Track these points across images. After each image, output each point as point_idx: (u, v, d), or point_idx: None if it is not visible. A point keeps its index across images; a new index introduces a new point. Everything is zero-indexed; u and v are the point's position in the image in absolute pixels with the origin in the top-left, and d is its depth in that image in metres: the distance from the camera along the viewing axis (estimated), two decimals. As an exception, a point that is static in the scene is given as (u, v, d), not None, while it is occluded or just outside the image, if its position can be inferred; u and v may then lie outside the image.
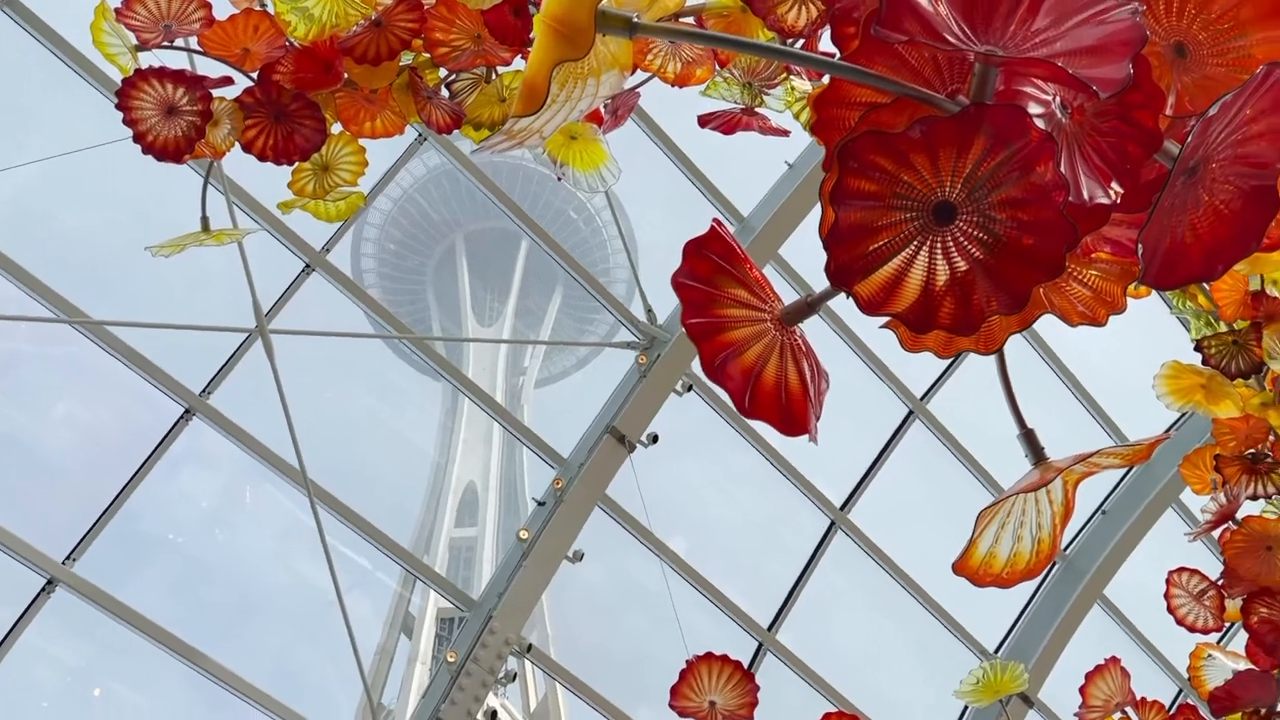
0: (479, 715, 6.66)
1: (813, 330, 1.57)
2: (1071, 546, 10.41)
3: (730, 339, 1.53)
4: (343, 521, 7.16)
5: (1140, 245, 1.29)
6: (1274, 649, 4.24)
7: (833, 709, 4.38)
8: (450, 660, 6.70)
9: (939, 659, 10.06)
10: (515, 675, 7.17)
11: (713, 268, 1.54)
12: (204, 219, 3.29)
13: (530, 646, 7.18)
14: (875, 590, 9.88)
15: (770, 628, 9.03)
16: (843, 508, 9.28)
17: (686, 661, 3.89)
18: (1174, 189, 1.33)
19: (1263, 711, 4.09)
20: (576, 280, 8.35)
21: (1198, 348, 4.48)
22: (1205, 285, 4.34)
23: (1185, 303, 4.59)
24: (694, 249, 1.55)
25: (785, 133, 3.60)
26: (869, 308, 1.33)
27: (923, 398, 9.48)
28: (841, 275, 1.27)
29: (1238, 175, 1.35)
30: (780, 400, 1.45)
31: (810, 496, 9.08)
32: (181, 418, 6.89)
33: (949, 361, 8.81)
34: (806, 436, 1.50)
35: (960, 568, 1.58)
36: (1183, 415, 6.04)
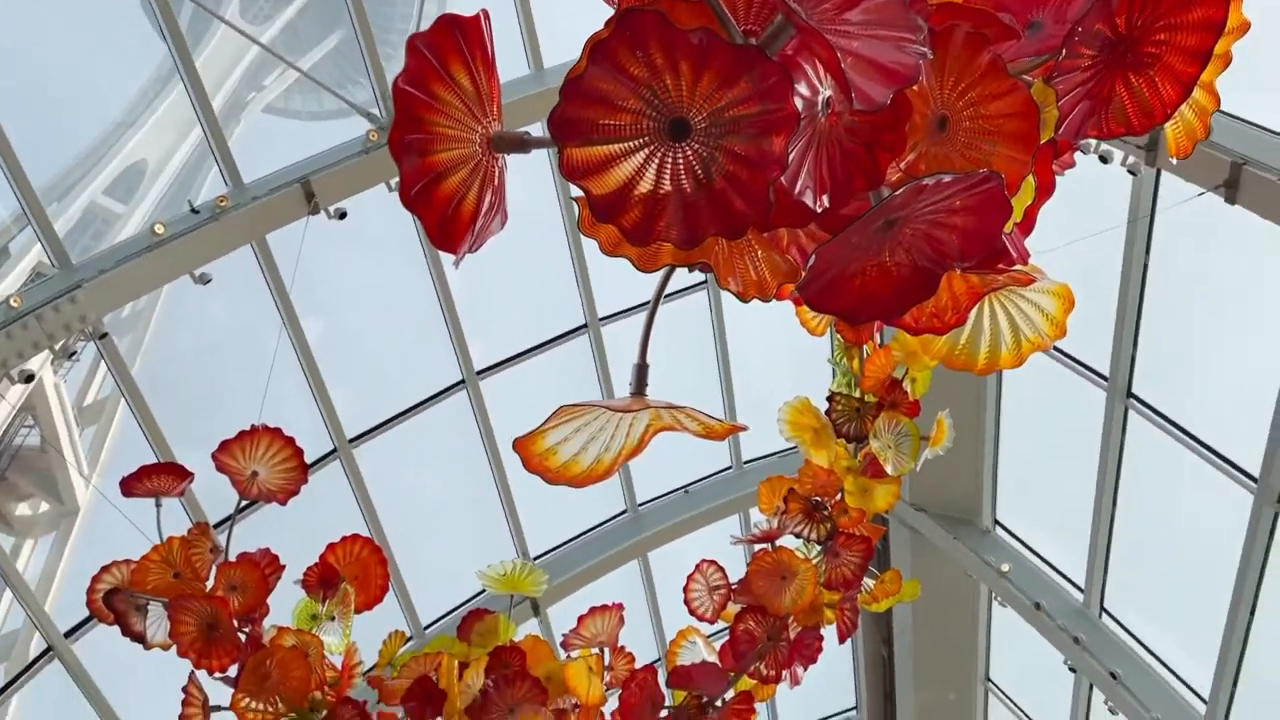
0: (14, 371, 6.12)
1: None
2: (647, 505, 11.21)
3: (436, 161, 1.44)
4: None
5: (812, 258, 1.37)
6: (741, 657, 4.72)
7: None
8: (14, 305, 6.09)
9: (491, 536, 10.52)
10: (75, 355, 6.65)
11: (434, 74, 1.43)
12: None
13: (105, 335, 6.69)
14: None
15: (354, 441, 9.03)
16: (480, 374, 9.41)
17: (252, 425, 3.77)
18: (868, 230, 1.42)
19: (704, 699, 4.56)
20: (356, 33, 7.75)
21: (829, 398, 4.86)
22: (864, 351, 4.73)
23: (841, 358, 4.95)
24: (416, 47, 1.42)
25: None
26: (600, 209, 1.31)
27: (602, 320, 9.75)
28: (562, 126, 1.25)
29: (919, 250, 1.47)
30: (446, 211, 1.41)
31: (455, 347, 9.12)
32: None
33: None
34: (454, 259, 1.47)
35: (521, 445, 1.63)
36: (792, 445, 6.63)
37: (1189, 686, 8.82)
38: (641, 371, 1.66)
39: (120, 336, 8.35)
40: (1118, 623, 9.39)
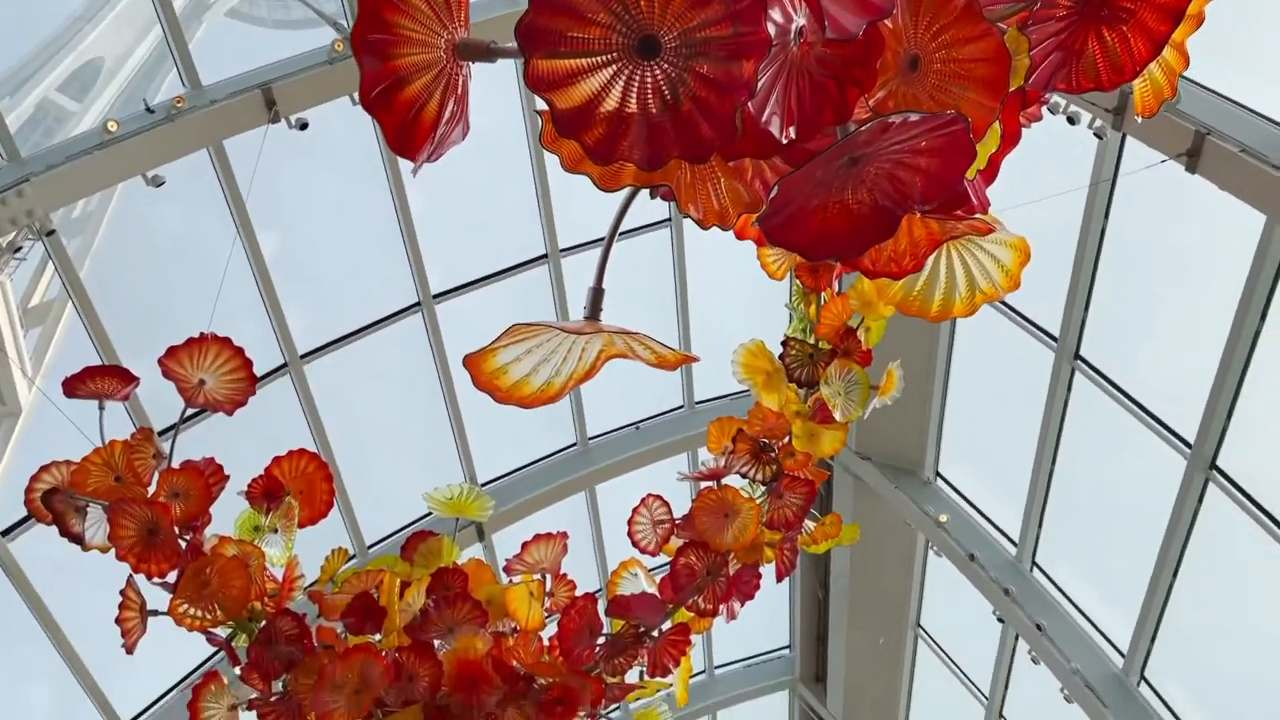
0: (-43, 263, 5.97)
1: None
2: (597, 440, 11.26)
3: (399, 65, 1.41)
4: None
5: (775, 190, 1.36)
6: (681, 590, 4.79)
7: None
8: (-41, 196, 5.92)
9: (440, 462, 10.53)
10: (20, 251, 6.48)
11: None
12: None
13: (52, 232, 6.53)
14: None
15: (305, 357, 8.95)
16: (436, 298, 9.33)
17: (201, 333, 3.71)
18: (832, 165, 1.42)
19: (641, 628, 4.63)
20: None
21: (784, 343, 4.88)
22: (821, 298, 4.75)
23: (799, 304, 4.96)
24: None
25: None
26: (563, 124, 1.29)
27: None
28: (529, 35, 1.22)
29: (881, 189, 1.47)
30: (406, 116, 1.38)
31: (412, 269, 9.03)
32: None
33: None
34: (412, 167, 1.44)
35: (471, 363, 1.62)
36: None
37: (1109, 640, 9.13)
38: (597, 296, 1.65)
39: (70, 238, 8.14)
40: (1047, 577, 9.66)
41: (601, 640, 4.53)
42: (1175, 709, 8.57)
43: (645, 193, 1.70)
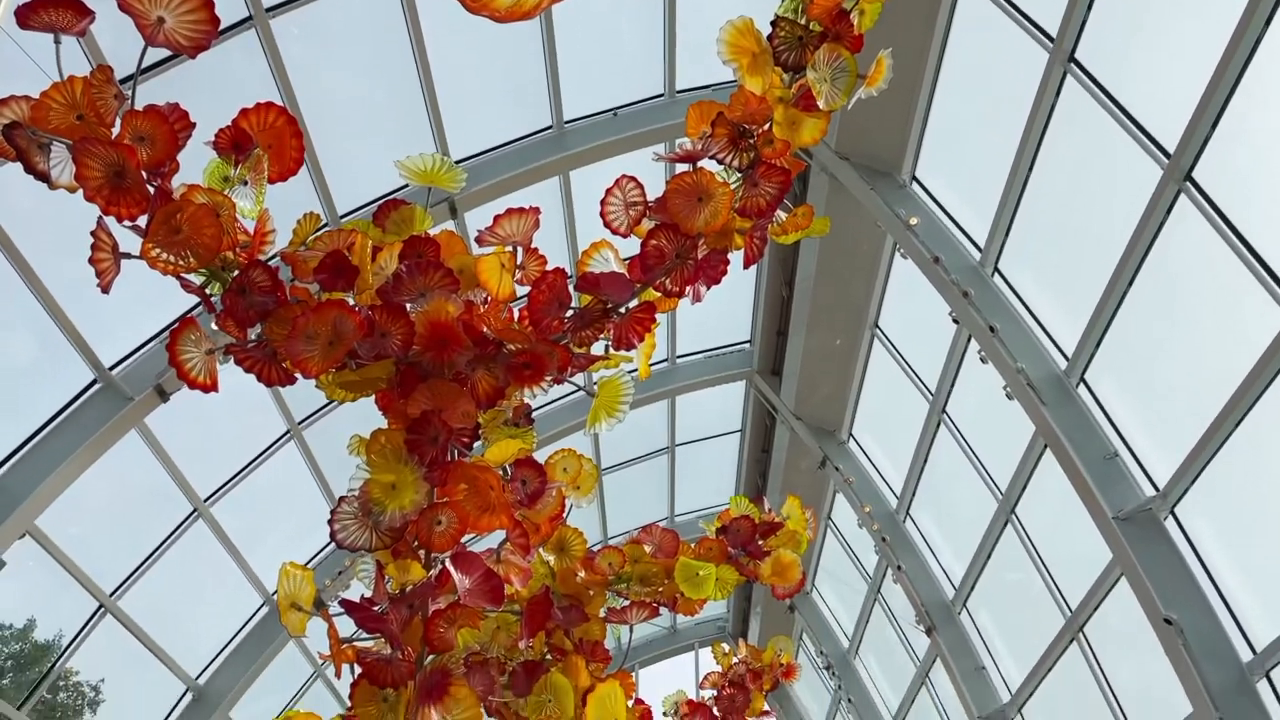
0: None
1: None
2: (573, 124, 11.04)
3: None
4: None
5: None
6: (649, 271, 4.86)
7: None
8: None
9: (413, 138, 10.33)
10: None
11: None
12: None
13: None
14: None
15: (272, 11, 8.50)
16: None
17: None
18: None
19: (608, 304, 4.75)
20: None
21: (773, 23, 4.69)
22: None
23: (794, -18, 4.72)
24: None
25: None
26: None
27: None
28: None
29: None
30: None
31: None
32: None
33: None
34: None
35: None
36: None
37: (1056, 344, 9.54)
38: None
39: None
40: (1007, 283, 9.93)
41: (570, 313, 4.66)
42: (1109, 409, 9.12)
43: None
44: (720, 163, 5.07)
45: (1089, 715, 10.74)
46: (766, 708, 5.59)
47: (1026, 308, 9.75)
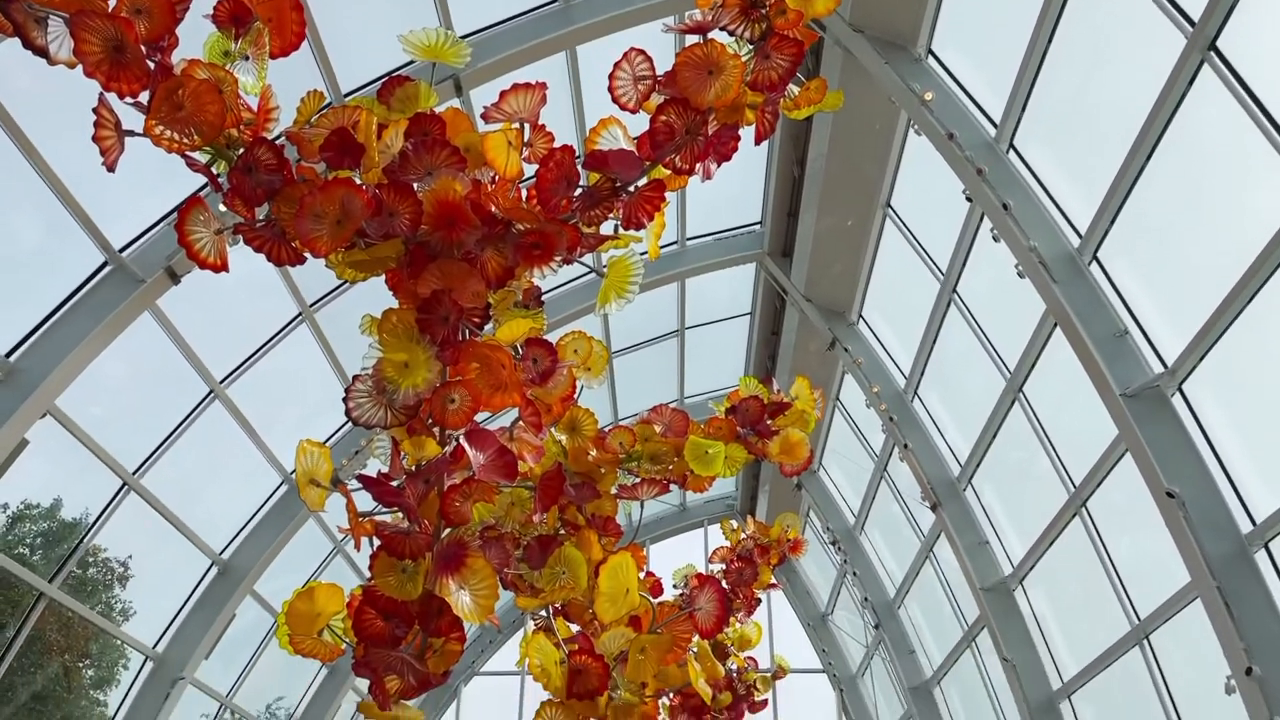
0: None
1: None
2: (578, -2, 10.74)
3: None
4: None
5: None
6: (659, 147, 4.78)
7: None
8: None
9: (416, 12, 10.06)
10: None
11: None
12: None
13: None
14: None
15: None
16: None
17: None
18: None
19: (617, 182, 4.69)
20: None
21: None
22: None
23: None
24: None
25: None
26: None
27: None
28: None
29: None
30: None
31: None
32: None
33: None
34: None
35: None
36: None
37: (1069, 221, 9.44)
38: None
39: None
40: (1021, 159, 9.76)
41: (578, 192, 4.62)
42: (1120, 287, 9.08)
43: None
44: (731, 34, 4.94)
45: (1088, 586, 11.03)
46: (774, 580, 5.75)
47: (1041, 185, 9.61)
